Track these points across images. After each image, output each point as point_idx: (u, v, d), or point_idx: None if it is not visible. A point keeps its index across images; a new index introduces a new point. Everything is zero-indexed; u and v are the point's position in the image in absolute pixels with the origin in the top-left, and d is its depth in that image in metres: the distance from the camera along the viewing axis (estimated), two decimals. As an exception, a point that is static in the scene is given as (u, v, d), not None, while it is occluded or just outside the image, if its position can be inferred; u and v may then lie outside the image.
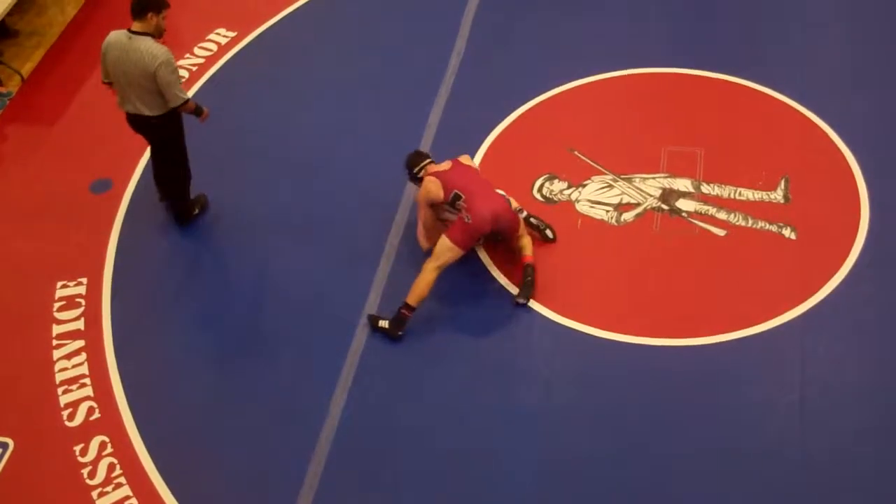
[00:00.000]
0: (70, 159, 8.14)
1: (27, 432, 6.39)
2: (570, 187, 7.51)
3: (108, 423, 6.39)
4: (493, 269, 7.05)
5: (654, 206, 7.32)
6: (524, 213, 7.10)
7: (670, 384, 6.32)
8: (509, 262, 7.00)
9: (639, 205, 7.34)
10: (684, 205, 7.31)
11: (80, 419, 6.42)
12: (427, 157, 7.01)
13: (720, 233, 7.12)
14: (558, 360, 6.52)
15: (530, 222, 7.10)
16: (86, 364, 6.73)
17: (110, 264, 7.32)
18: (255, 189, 7.75)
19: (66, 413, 6.46)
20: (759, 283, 6.80)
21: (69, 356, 6.77)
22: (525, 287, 6.79)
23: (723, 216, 7.21)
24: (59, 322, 6.98)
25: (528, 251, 6.90)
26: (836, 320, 6.56)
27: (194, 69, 8.71)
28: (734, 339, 6.51)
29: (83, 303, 7.09)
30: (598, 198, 7.43)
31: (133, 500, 6.00)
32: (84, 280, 7.22)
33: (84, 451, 6.25)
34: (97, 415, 6.43)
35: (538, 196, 7.46)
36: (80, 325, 6.95)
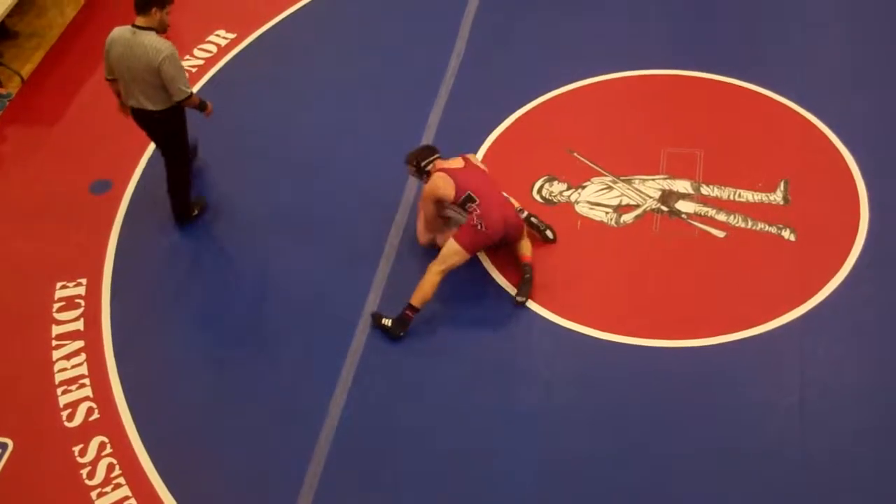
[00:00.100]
0: (70, 160, 8.14)
1: (26, 433, 6.38)
2: (569, 189, 7.51)
3: (108, 423, 6.38)
4: (492, 270, 7.04)
5: (654, 207, 7.32)
6: (525, 212, 7.10)
7: (670, 385, 6.31)
8: (509, 264, 7.00)
9: (638, 206, 7.34)
10: (684, 206, 7.31)
11: (79, 419, 6.42)
12: (437, 152, 6.95)
13: (720, 234, 7.12)
14: (558, 361, 6.52)
15: (531, 222, 7.09)
16: (85, 364, 6.72)
17: (110, 265, 7.32)
18: (255, 189, 7.75)
19: (65, 413, 6.46)
20: (759, 284, 6.80)
21: (68, 357, 6.77)
22: (523, 285, 6.79)
23: (722, 218, 7.21)
24: (59, 323, 6.98)
25: (526, 251, 6.90)
26: (835, 321, 6.56)
27: (194, 70, 8.70)
28: (734, 340, 6.50)
29: (83, 303, 7.08)
30: (597, 199, 7.43)
31: (132, 501, 5.99)
32: (84, 281, 7.22)
33: (83, 452, 6.25)
34: (96, 415, 6.43)
35: (538, 197, 7.46)
36: (79, 325, 6.95)
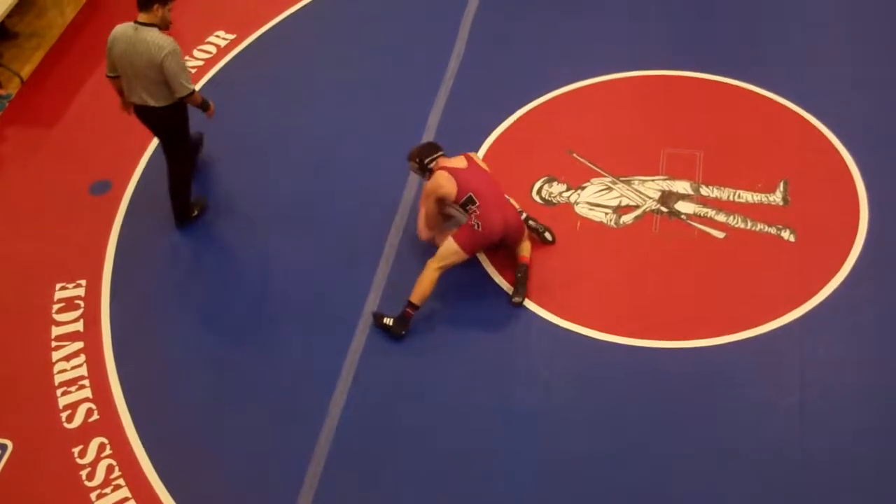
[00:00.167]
0: (69, 161, 8.13)
1: (26, 434, 6.37)
2: (569, 189, 7.51)
3: (107, 424, 6.38)
4: (492, 271, 7.04)
5: (654, 208, 7.33)
6: (523, 214, 7.10)
7: (669, 386, 6.31)
8: (509, 265, 7.00)
9: (638, 207, 7.35)
10: (683, 207, 7.31)
11: (78, 421, 6.41)
12: (440, 150, 6.92)
13: (719, 235, 7.12)
14: (558, 362, 6.52)
15: (529, 225, 7.09)
16: (85, 366, 6.71)
17: (109, 265, 7.31)
18: (254, 189, 7.75)
19: (64, 415, 6.45)
20: (759, 285, 6.80)
21: (68, 358, 6.76)
22: (517, 286, 6.79)
23: (722, 218, 7.21)
24: (58, 324, 6.97)
25: (525, 253, 6.91)
26: (835, 322, 6.56)
27: (194, 71, 8.68)
28: (733, 341, 6.50)
29: (82, 304, 7.08)
30: (597, 200, 7.43)
31: (132, 502, 5.98)
32: (83, 282, 7.22)
33: (83, 453, 6.24)
34: (96, 416, 6.42)
35: (537, 198, 7.46)
36: (79, 326, 6.95)
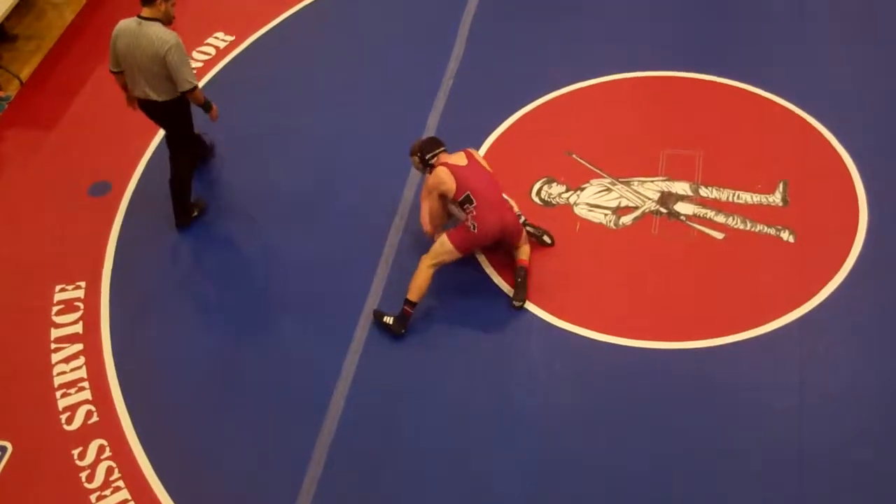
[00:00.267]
0: (69, 162, 8.14)
1: (26, 436, 6.37)
2: (568, 191, 7.52)
3: (107, 426, 6.38)
4: (492, 272, 7.05)
5: (653, 209, 7.33)
6: (522, 218, 7.09)
7: (669, 387, 6.31)
8: (508, 266, 7.00)
9: (637, 208, 7.35)
10: (683, 208, 7.32)
11: (78, 423, 6.41)
12: (442, 146, 6.91)
13: (718, 236, 7.13)
14: (557, 363, 6.52)
15: (528, 230, 7.07)
16: (84, 367, 6.72)
17: (109, 267, 7.32)
18: (254, 189, 7.75)
19: (64, 416, 6.45)
20: (758, 286, 6.80)
21: (67, 360, 6.76)
22: (517, 289, 6.79)
23: (721, 219, 7.22)
24: (58, 326, 6.97)
25: (523, 255, 6.91)
26: (834, 323, 6.56)
27: (194, 72, 8.68)
28: (733, 342, 6.50)
29: (81, 306, 7.08)
30: (596, 201, 7.44)
31: None
32: (82, 284, 7.22)
33: (82, 455, 6.24)
34: (95, 418, 6.43)
35: (537, 199, 7.47)
36: (78, 328, 6.95)
